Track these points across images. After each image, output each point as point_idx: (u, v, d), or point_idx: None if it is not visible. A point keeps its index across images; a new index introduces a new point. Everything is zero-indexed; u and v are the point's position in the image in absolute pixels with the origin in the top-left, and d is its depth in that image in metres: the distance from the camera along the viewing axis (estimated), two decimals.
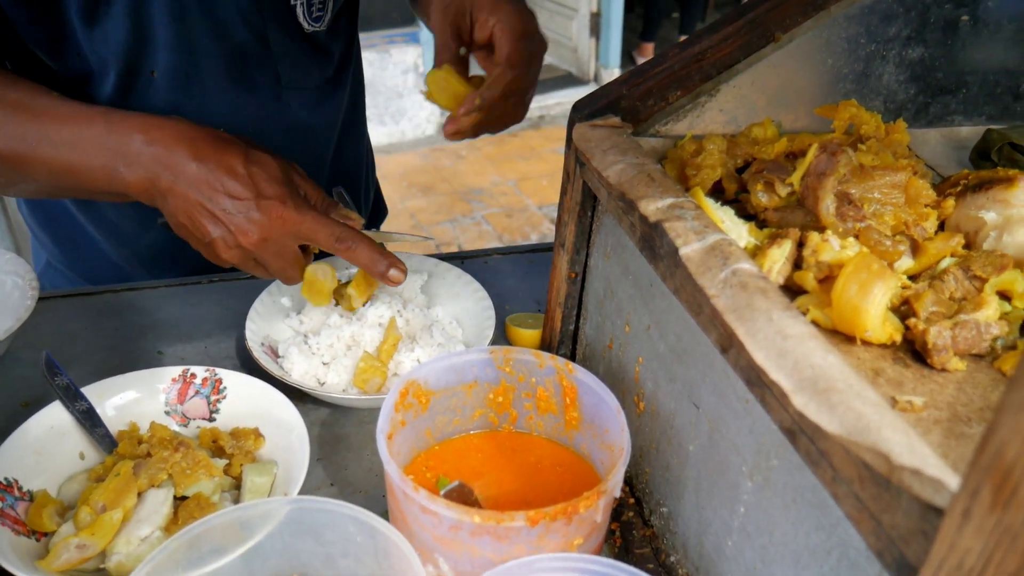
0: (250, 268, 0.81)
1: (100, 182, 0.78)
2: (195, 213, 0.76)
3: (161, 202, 0.78)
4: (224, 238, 0.77)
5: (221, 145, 0.78)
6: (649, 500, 0.74)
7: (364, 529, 0.61)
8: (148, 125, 0.77)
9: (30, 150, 0.78)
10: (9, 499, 0.69)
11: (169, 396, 0.82)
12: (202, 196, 0.76)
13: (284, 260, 0.80)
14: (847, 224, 0.61)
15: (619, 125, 0.74)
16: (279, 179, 0.78)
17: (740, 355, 0.50)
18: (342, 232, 0.79)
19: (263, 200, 0.76)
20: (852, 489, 0.42)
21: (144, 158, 0.76)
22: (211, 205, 0.76)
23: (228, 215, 0.76)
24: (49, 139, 0.77)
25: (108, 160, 0.77)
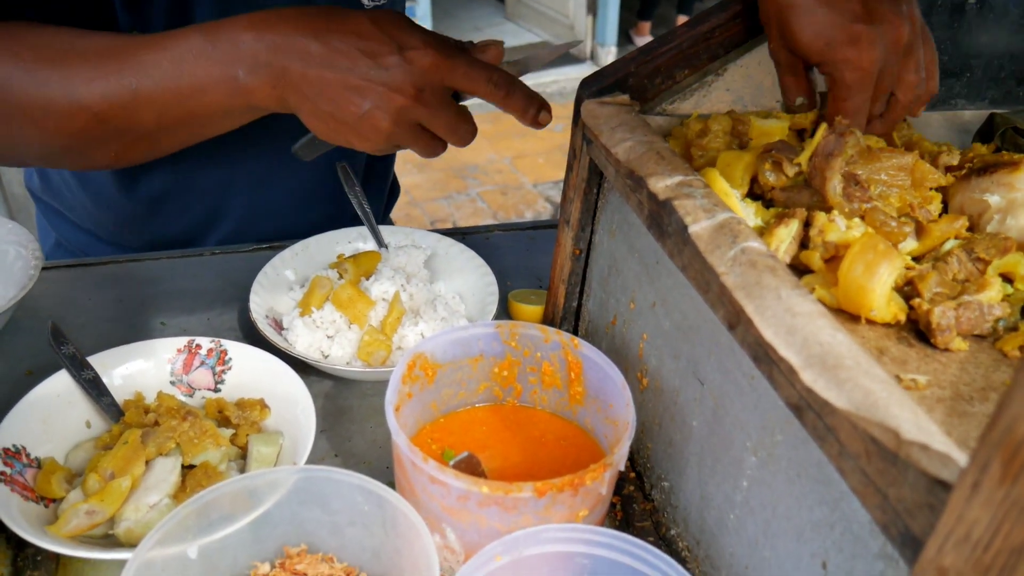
0: (413, 139, 0.73)
1: (220, 101, 0.71)
2: (337, 93, 0.69)
3: (296, 99, 0.70)
4: (378, 106, 0.69)
5: (337, 14, 0.70)
6: (650, 475, 0.75)
7: (372, 499, 0.62)
8: (251, 20, 0.70)
9: (132, 93, 0.71)
10: (18, 465, 0.70)
11: (175, 366, 0.82)
12: (340, 70, 0.68)
13: (448, 113, 0.72)
14: (853, 205, 0.62)
15: (627, 103, 0.74)
16: (414, 27, 0.71)
17: (748, 332, 0.51)
18: (497, 75, 0.72)
19: (407, 51, 0.68)
20: (859, 464, 0.43)
21: (262, 55, 0.69)
22: (353, 76, 0.68)
23: (375, 78, 0.68)
24: (150, 74, 0.70)
25: (223, 71, 0.69)
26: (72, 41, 0.73)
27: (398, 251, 0.99)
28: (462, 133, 0.74)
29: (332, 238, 1.03)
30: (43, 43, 0.72)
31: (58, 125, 0.72)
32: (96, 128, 0.73)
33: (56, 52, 0.72)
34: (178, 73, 0.70)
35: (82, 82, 0.70)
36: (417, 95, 0.69)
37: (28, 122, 0.72)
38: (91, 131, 0.73)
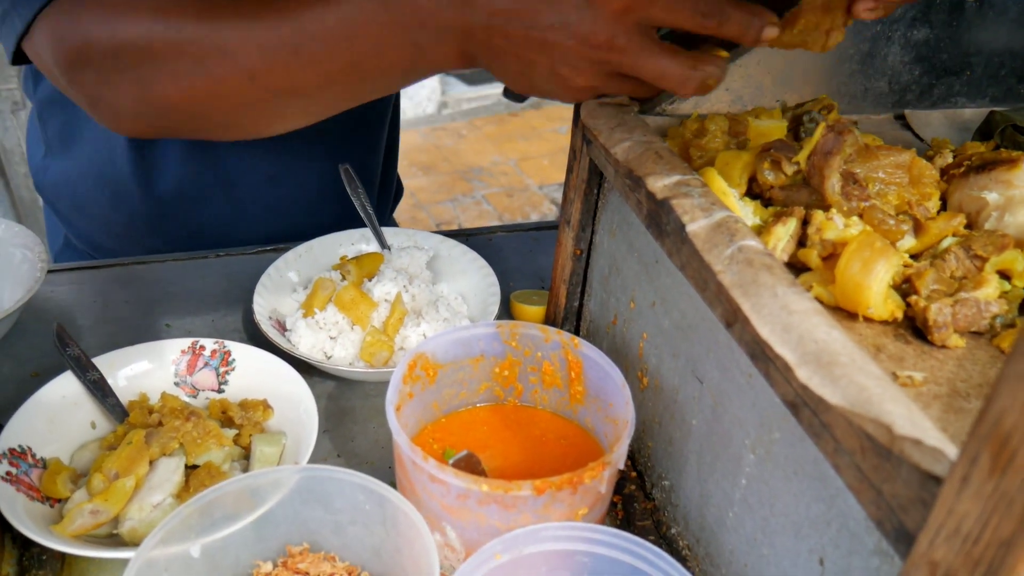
0: (615, 87, 0.66)
1: (395, 62, 0.66)
2: (523, 51, 0.63)
3: (485, 57, 0.65)
4: (565, 62, 0.63)
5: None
6: (651, 474, 0.75)
7: (373, 498, 0.62)
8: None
9: (294, 56, 0.65)
10: (23, 466, 0.70)
11: (179, 367, 0.83)
12: (523, 25, 0.61)
13: (655, 57, 0.62)
14: (851, 203, 0.62)
15: (626, 103, 0.75)
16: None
17: (745, 330, 0.51)
18: (704, 3, 0.60)
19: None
20: (854, 460, 0.43)
21: (445, 14, 0.62)
22: (536, 31, 0.61)
23: (559, 30, 0.61)
24: (313, 34, 0.64)
25: (399, 37, 0.64)
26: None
27: (401, 252, 0.99)
28: (675, 80, 0.63)
29: (335, 240, 1.03)
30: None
31: (210, 88, 0.68)
32: (248, 91, 0.68)
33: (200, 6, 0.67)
34: (349, 35, 0.64)
35: (239, 40, 0.66)
36: (610, 43, 0.61)
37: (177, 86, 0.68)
38: (246, 94, 0.68)
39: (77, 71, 0.69)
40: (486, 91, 4.98)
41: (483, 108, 4.96)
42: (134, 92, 0.69)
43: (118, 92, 0.70)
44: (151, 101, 0.70)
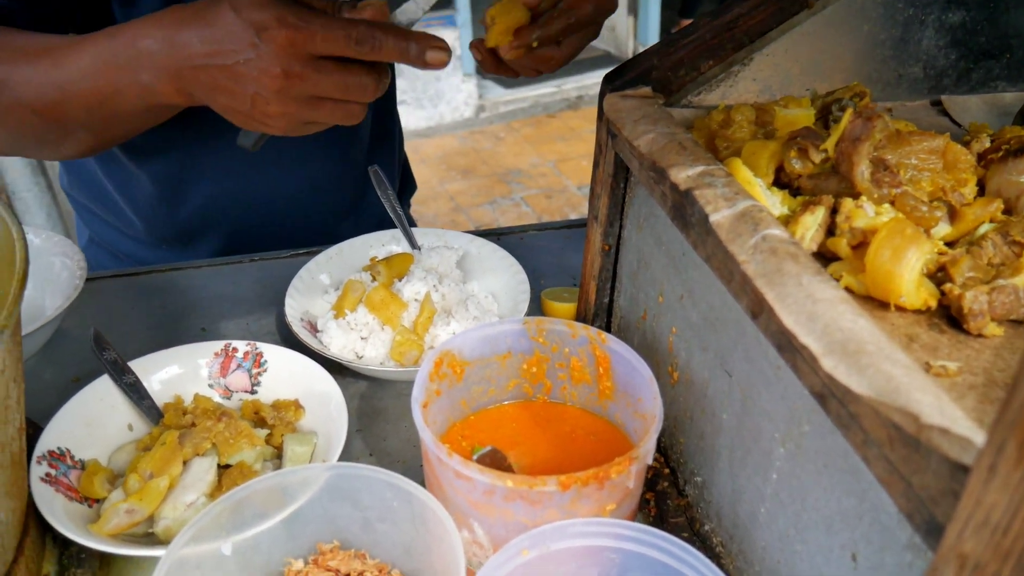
0: (314, 111, 0.72)
1: (135, 101, 0.75)
2: (224, 85, 0.71)
3: (201, 94, 0.73)
4: (257, 92, 0.70)
5: (207, 8, 0.71)
6: (683, 470, 0.74)
7: (400, 495, 0.62)
8: (146, 22, 0.73)
9: (62, 93, 0.76)
10: (62, 467, 0.72)
11: (212, 369, 0.84)
12: (216, 62, 0.70)
13: (331, 76, 0.70)
14: (882, 190, 0.61)
15: (650, 95, 0.74)
16: (267, 4, 0.69)
17: (770, 320, 0.50)
18: (359, 32, 0.68)
19: (261, 32, 0.68)
20: (882, 451, 0.42)
21: (157, 58, 0.72)
22: (226, 69, 0.70)
23: (242, 67, 0.69)
24: (73, 77, 0.75)
25: (130, 76, 0.73)
26: (24, 41, 0.79)
27: (430, 252, 1.00)
28: (359, 90, 0.71)
29: (365, 241, 1.04)
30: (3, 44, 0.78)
31: (6, 121, 0.79)
32: (39, 124, 0.79)
33: (9, 52, 0.78)
34: (94, 75, 0.74)
35: (23, 82, 0.77)
36: (286, 72, 0.68)
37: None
38: (35, 127, 0.79)
39: None
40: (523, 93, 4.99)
41: (520, 110, 4.96)
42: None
43: None
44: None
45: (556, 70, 0.83)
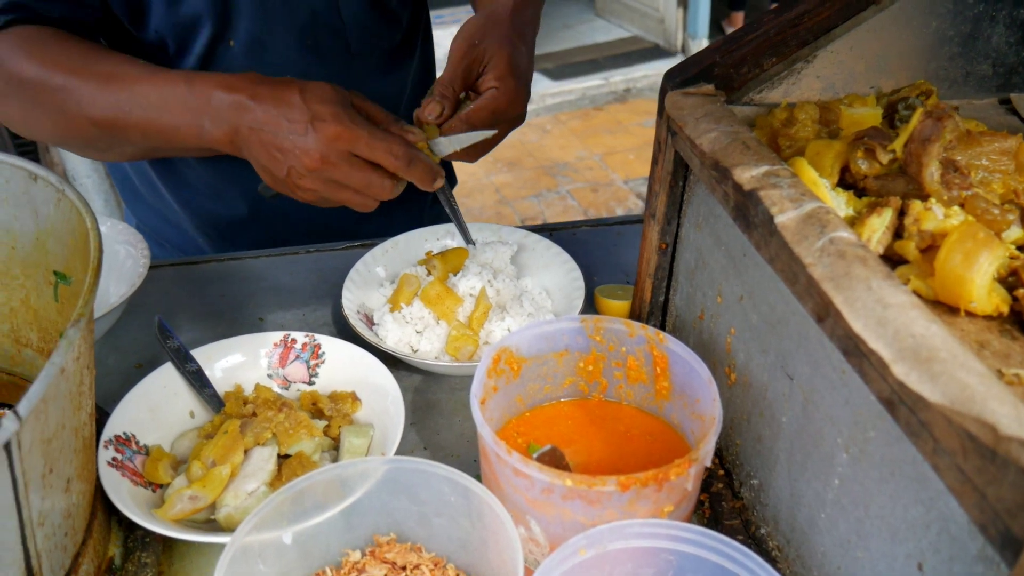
0: (336, 193, 0.83)
1: (189, 139, 0.84)
2: (269, 152, 0.81)
3: (246, 151, 0.83)
4: (294, 167, 0.81)
5: (280, 84, 0.82)
6: (739, 472, 0.74)
7: (458, 490, 0.63)
8: (224, 80, 0.83)
9: (124, 115, 0.85)
10: (128, 452, 0.74)
11: (271, 360, 0.85)
12: (270, 132, 0.80)
13: (359, 173, 0.81)
14: (952, 192, 0.59)
15: (712, 93, 0.73)
16: (332, 100, 0.81)
17: (837, 324, 0.50)
18: (398, 149, 0.81)
19: (317, 121, 0.79)
20: (955, 461, 0.42)
21: (224, 112, 0.82)
22: (278, 139, 0.80)
23: (291, 143, 0.80)
24: (140, 104, 0.84)
25: (193, 119, 0.83)
26: (92, 56, 0.88)
27: (485, 247, 1.00)
28: (376, 190, 0.83)
29: (421, 235, 1.05)
30: (65, 54, 0.88)
31: (67, 123, 0.88)
32: (95, 134, 0.88)
33: (73, 64, 0.87)
34: (160, 110, 0.84)
35: (88, 95, 0.86)
36: (323, 159, 0.80)
37: (45, 115, 0.89)
38: (90, 135, 0.89)
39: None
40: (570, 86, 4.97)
41: (567, 103, 4.94)
42: (18, 107, 0.91)
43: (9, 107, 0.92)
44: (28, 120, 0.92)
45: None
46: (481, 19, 0.94)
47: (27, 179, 0.71)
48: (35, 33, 0.89)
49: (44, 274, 0.75)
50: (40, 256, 0.74)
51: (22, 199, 0.73)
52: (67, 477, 0.58)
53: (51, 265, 0.74)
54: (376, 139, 0.80)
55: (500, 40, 0.91)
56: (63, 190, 0.68)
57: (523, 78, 0.92)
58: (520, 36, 0.94)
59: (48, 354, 0.79)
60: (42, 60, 0.87)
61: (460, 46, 0.91)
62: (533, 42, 0.99)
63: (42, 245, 0.74)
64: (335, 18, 1.04)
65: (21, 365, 0.82)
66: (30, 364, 0.82)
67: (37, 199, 0.71)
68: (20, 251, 0.76)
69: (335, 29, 1.04)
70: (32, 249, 0.75)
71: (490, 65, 0.90)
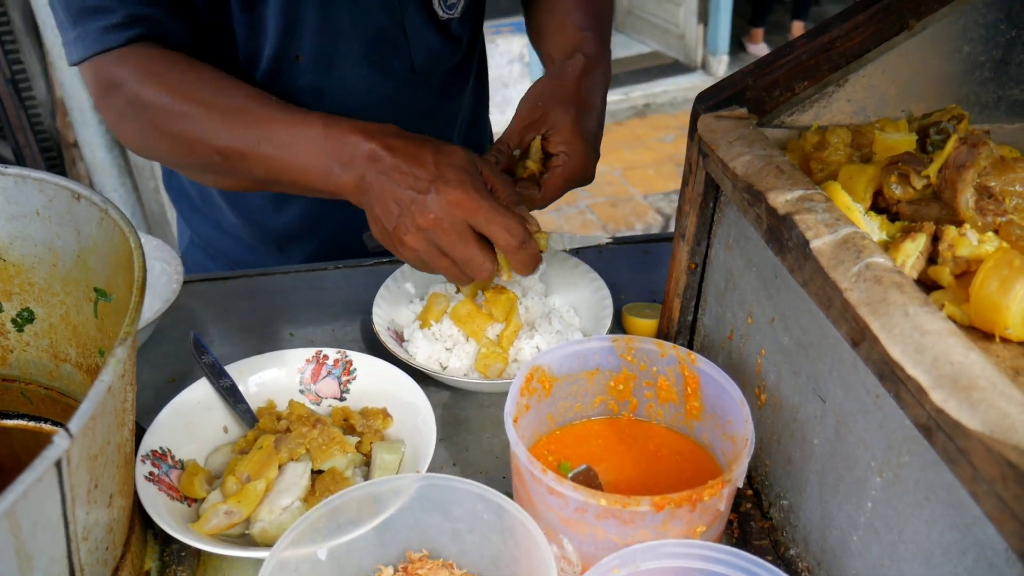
0: (435, 259, 0.82)
1: (315, 181, 0.84)
2: (387, 201, 0.81)
3: (366, 199, 0.82)
4: (403, 220, 0.80)
5: (416, 140, 0.83)
6: (769, 493, 0.74)
7: (491, 507, 0.64)
8: (362, 127, 0.83)
9: (252, 149, 0.85)
10: (164, 467, 0.75)
11: (304, 376, 0.86)
12: (394, 184, 0.80)
13: (465, 245, 0.80)
14: (987, 218, 0.60)
15: (745, 116, 0.74)
16: (463, 167, 0.81)
17: (873, 349, 0.50)
18: (516, 228, 0.80)
19: (443, 184, 0.79)
20: (994, 488, 0.42)
21: (358, 159, 0.82)
22: (398, 192, 0.80)
23: (410, 197, 0.79)
24: (270, 140, 0.84)
25: (325, 161, 0.83)
26: (218, 86, 0.89)
27: None
28: (475, 268, 0.81)
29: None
30: (192, 81, 0.88)
31: (187, 149, 0.88)
32: (218, 161, 0.88)
33: (203, 93, 0.87)
34: (290, 149, 0.84)
35: (215, 126, 0.86)
36: (436, 221, 0.79)
37: (166, 140, 0.89)
38: (212, 162, 0.88)
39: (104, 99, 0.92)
40: None
41: None
42: (137, 129, 0.91)
43: (128, 128, 0.92)
44: (147, 142, 0.93)
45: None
46: (549, 80, 0.94)
47: (70, 198, 0.73)
48: (156, 55, 0.90)
49: (84, 291, 0.76)
50: (81, 273, 0.76)
51: (65, 218, 0.74)
52: (110, 492, 0.60)
53: (92, 282, 0.75)
54: (496, 214, 0.79)
55: (565, 103, 0.91)
56: (106, 209, 0.69)
57: (591, 140, 0.92)
58: (588, 99, 0.93)
59: (86, 369, 0.81)
60: (167, 85, 0.88)
61: (525, 106, 0.92)
62: (603, 103, 0.98)
63: (83, 263, 0.75)
64: (400, 37, 1.05)
65: (59, 380, 0.83)
66: (67, 379, 0.83)
67: (80, 218, 0.73)
68: (61, 268, 0.77)
69: (399, 48, 1.06)
70: (73, 266, 0.76)
71: (557, 128, 0.90)
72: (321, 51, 1.01)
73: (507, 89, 4.68)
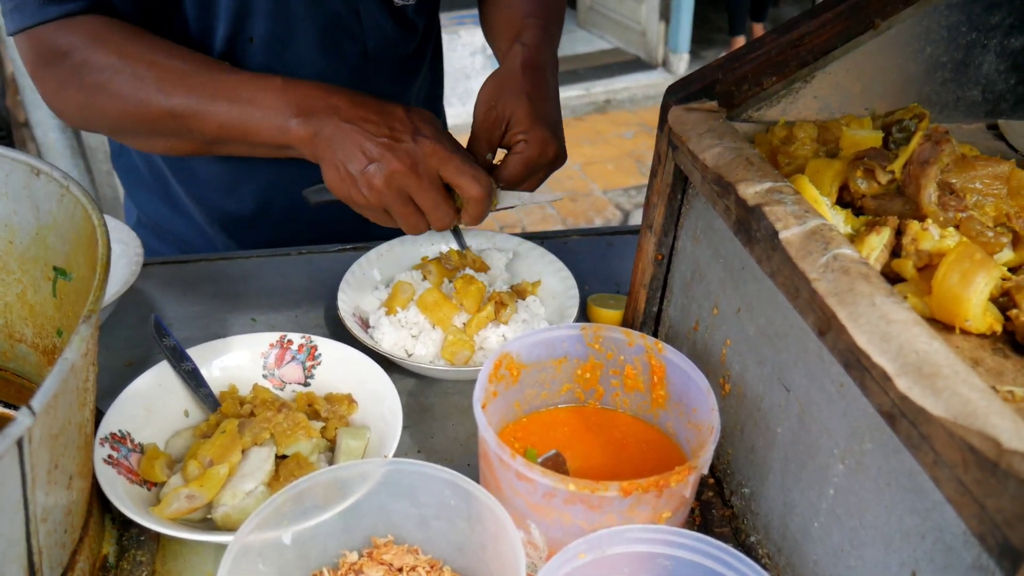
0: (398, 205, 0.84)
1: (269, 135, 0.86)
2: (354, 148, 0.82)
3: (323, 148, 0.84)
4: (378, 167, 0.82)
5: (383, 100, 0.87)
6: (730, 481, 0.75)
7: (459, 493, 0.64)
8: (324, 86, 0.86)
9: (205, 107, 0.86)
10: (123, 450, 0.73)
11: (267, 360, 0.85)
12: (364, 133, 0.83)
13: (435, 192, 0.84)
14: (948, 214, 0.61)
15: (715, 109, 0.75)
16: (434, 123, 0.86)
17: (839, 338, 0.51)
18: (484, 179, 0.85)
19: (419, 135, 0.83)
20: (955, 473, 0.43)
21: (319, 112, 0.84)
22: (370, 140, 0.82)
23: (385, 144, 0.82)
24: (226, 96, 0.86)
25: (283, 113, 0.85)
26: (170, 50, 0.89)
27: (480, 254, 1.01)
28: (441, 215, 0.86)
29: (416, 240, 1.05)
30: (147, 47, 0.89)
31: (138, 111, 0.88)
32: (168, 123, 0.88)
33: (156, 57, 0.88)
34: (248, 103, 0.85)
35: (167, 86, 0.87)
36: (412, 166, 0.82)
37: (115, 101, 0.88)
38: (162, 124, 0.89)
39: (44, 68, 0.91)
40: None
41: None
42: (82, 96, 0.89)
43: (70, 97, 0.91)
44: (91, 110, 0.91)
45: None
46: (496, 78, 0.96)
47: (29, 174, 0.71)
48: (109, 24, 0.90)
49: (43, 270, 0.74)
50: (39, 251, 0.74)
51: (22, 194, 0.72)
52: (70, 474, 0.58)
53: (50, 261, 0.73)
54: (468, 165, 0.84)
55: (516, 94, 0.93)
56: (67, 186, 0.68)
57: (548, 122, 0.94)
58: (536, 84, 0.96)
59: (42, 350, 0.79)
60: (120, 49, 0.88)
61: (480, 110, 0.94)
62: (555, 82, 1.00)
63: (42, 240, 0.73)
64: (354, 22, 1.04)
65: (14, 360, 0.81)
66: (23, 360, 0.81)
67: (39, 194, 0.71)
68: (18, 246, 0.75)
69: (353, 33, 1.05)
70: (31, 244, 0.74)
71: (513, 121, 0.92)
72: (274, 34, 1.00)
73: (469, 81, 4.67)
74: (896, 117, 0.78)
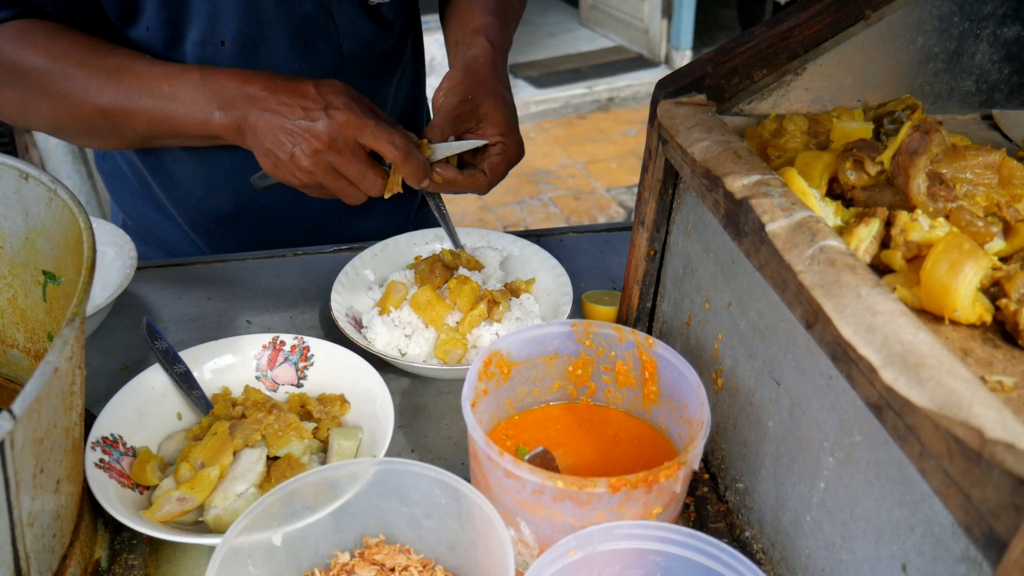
0: (332, 181, 0.88)
1: (195, 127, 0.89)
2: (276, 135, 0.86)
3: (251, 137, 0.88)
4: (301, 148, 0.86)
5: (294, 79, 0.89)
6: (724, 476, 0.75)
7: (448, 492, 0.63)
8: (238, 74, 0.89)
9: (132, 104, 0.89)
10: (115, 454, 0.73)
11: (260, 362, 0.85)
12: (281, 118, 0.86)
13: (359, 163, 0.87)
14: (938, 204, 0.61)
15: (704, 103, 0.74)
16: (345, 93, 0.88)
17: (826, 331, 0.51)
18: (400, 140, 0.87)
19: (330, 109, 0.86)
20: (941, 464, 0.43)
21: (236, 100, 0.87)
22: (289, 123, 0.86)
23: (302, 127, 0.86)
24: (150, 93, 0.89)
25: (204, 107, 0.88)
26: (97, 49, 0.91)
27: (474, 252, 1.00)
28: (368, 183, 0.89)
29: (410, 239, 1.05)
30: (73, 47, 0.91)
31: (69, 110, 0.91)
32: (100, 121, 0.91)
33: (82, 57, 0.90)
34: (171, 99, 0.89)
35: (95, 85, 0.89)
36: (330, 142, 0.86)
37: (49, 102, 0.91)
38: (94, 122, 0.92)
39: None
40: (554, 94, 4.99)
41: (551, 111, 4.96)
42: (17, 96, 0.92)
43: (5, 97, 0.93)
44: (27, 110, 0.94)
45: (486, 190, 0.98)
46: (468, 72, 0.99)
47: (18, 178, 0.71)
48: (37, 26, 0.91)
49: (33, 274, 0.75)
50: (29, 256, 0.74)
51: (12, 198, 0.72)
52: (57, 478, 0.58)
53: (40, 265, 0.73)
54: (382, 130, 0.86)
55: (494, 95, 0.97)
56: (55, 190, 0.68)
57: (517, 125, 1.00)
58: (507, 86, 1.01)
59: (35, 355, 0.79)
60: (47, 51, 0.89)
61: (451, 97, 0.96)
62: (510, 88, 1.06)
63: (32, 245, 0.73)
64: (328, 23, 1.04)
65: (6, 366, 0.81)
66: (15, 365, 0.81)
67: (28, 198, 0.71)
68: (8, 251, 0.75)
69: (328, 34, 1.05)
70: (21, 249, 0.74)
71: (489, 120, 0.96)
72: (246, 36, 1.00)
73: None
74: (888, 108, 0.78)
